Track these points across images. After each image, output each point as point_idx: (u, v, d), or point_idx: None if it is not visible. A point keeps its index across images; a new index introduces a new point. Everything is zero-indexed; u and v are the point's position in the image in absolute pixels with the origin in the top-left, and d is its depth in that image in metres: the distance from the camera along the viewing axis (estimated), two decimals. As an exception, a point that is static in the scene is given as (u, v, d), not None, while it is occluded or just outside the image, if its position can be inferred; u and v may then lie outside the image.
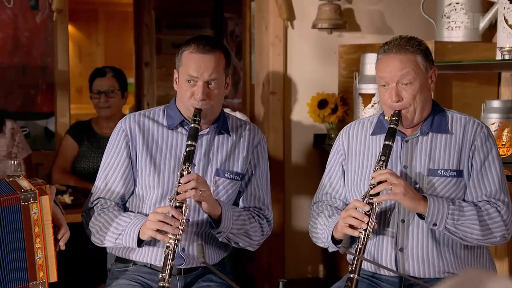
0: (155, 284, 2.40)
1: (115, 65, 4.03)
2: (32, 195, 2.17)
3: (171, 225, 2.23)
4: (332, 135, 4.18)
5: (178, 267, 2.45)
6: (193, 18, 6.71)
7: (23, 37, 4.09)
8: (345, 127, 2.58)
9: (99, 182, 2.51)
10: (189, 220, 2.44)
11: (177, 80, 2.50)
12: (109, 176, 2.49)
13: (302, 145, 4.31)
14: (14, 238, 2.19)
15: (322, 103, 4.16)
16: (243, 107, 5.22)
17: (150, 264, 2.47)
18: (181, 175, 2.28)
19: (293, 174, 4.30)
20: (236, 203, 2.56)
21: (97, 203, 2.48)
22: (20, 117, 4.04)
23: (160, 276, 2.22)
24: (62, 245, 2.27)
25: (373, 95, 3.73)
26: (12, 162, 3.24)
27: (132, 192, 2.51)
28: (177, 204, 2.26)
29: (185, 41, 2.49)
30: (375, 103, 3.73)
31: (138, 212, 2.47)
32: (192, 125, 2.35)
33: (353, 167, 2.49)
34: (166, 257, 2.22)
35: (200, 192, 2.26)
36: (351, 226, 2.25)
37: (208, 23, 6.74)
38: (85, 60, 8.73)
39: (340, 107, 4.13)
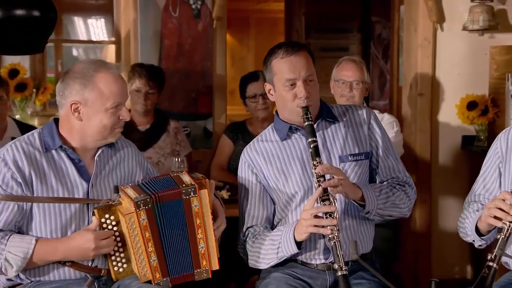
0: (306, 278, 2.45)
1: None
2: (192, 189, 2.27)
3: (326, 217, 2.25)
4: (482, 137, 4.04)
5: (326, 262, 2.46)
6: (341, 22, 6.69)
7: (186, 44, 4.26)
8: (504, 130, 2.46)
9: (243, 213, 2.55)
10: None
11: (271, 92, 2.52)
12: (251, 205, 2.53)
13: (449, 146, 4.20)
14: (178, 229, 2.30)
15: (471, 105, 4.03)
16: (390, 108, 5.12)
17: (301, 261, 2.49)
18: (316, 172, 2.30)
19: (440, 175, 4.20)
20: (372, 182, 2.55)
21: (248, 234, 2.53)
22: (182, 118, 4.22)
23: (336, 266, 2.24)
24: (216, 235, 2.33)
25: (527, 96, 3.54)
26: (176, 159, 3.41)
27: (275, 211, 2.55)
28: (324, 198, 2.27)
29: (267, 54, 2.52)
30: (529, 105, 3.54)
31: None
32: (306, 123, 2.37)
33: (511, 170, 2.37)
34: (334, 248, 2.24)
35: (341, 180, 2.28)
36: (496, 217, 2.17)
37: (356, 26, 6.69)
38: (237, 65, 8.96)
39: (491, 108, 3.97)
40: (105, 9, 6.52)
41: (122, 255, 2.32)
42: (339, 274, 2.23)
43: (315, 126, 2.46)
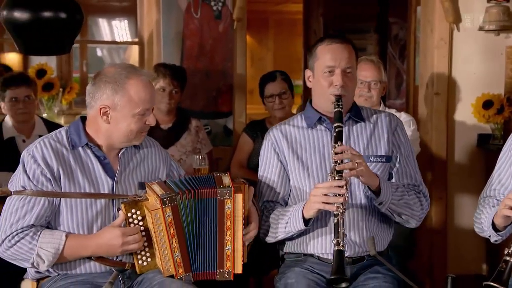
0: (323, 273, 2.45)
1: (283, 69, 4.11)
2: (228, 191, 2.28)
3: (335, 195, 2.27)
4: (497, 135, 4.01)
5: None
6: (358, 23, 6.68)
7: (207, 44, 4.29)
8: None
9: (260, 189, 2.59)
10: (347, 207, 2.44)
11: (310, 78, 2.54)
12: (268, 181, 2.57)
13: (465, 145, 4.17)
14: (208, 227, 2.32)
15: (487, 104, 4.00)
16: (406, 107, 5.11)
17: (318, 256, 2.51)
18: (335, 153, 2.31)
19: (456, 173, 4.17)
20: None
21: (263, 208, 2.56)
22: (203, 116, 4.24)
23: (334, 241, 2.25)
24: (245, 240, 2.35)
25: (542, 95, 3.50)
26: (197, 156, 3.42)
27: (290, 193, 2.57)
28: (337, 178, 2.28)
29: (315, 42, 2.55)
30: (544, 104, 3.50)
31: None
32: (336, 109, 2.40)
33: (526, 164, 2.36)
34: (337, 224, 2.26)
35: (356, 163, 2.28)
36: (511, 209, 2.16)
37: (373, 27, 6.67)
38: (256, 65, 8.98)
39: (506, 107, 3.95)
40: (129, 11, 6.58)
41: (146, 249, 2.34)
42: (336, 249, 2.23)
43: None
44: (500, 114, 3.96)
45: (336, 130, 2.36)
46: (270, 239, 2.53)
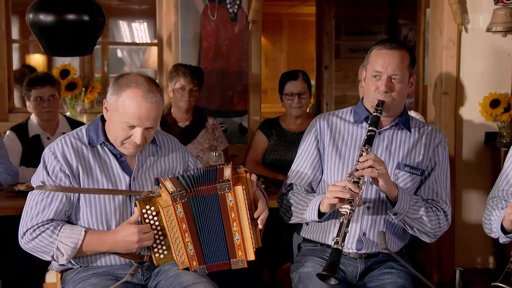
0: (340, 265, 2.43)
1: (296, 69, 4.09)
2: (227, 185, 2.27)
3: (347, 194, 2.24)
4: (504, 133, 3.99)
5: (359, 251, 2.46)
6: (369, 25, 6.66)
7: (223, 45, 4.29)
8: None
9: (292, 169, 2.60)
10: (369, 207, 2.45)
11: (365, 78, 2.51)
12: (300, 164, 2.57)
13: (472, 143, 4.15)
14: (214, 222, 2.32)
15: (494, 103, 3.98)
16: (415, 106, 5.09)
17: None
18: (360, 155, 2.29)
19: (463, 170, 4.15)
20: None
21: (290, 188, 2.57)
22: (219, 115, 4.25)
23: (334, 239, 2.22)
24: (259, 224, 2.34)
25: (548, 95, 3.47)
26: (214, 153, 3.42)
27: (320, 181, 2.56)
28: (355, 180, 2.27)
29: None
30: (550, 103, 3.47)
31: None
32: (374, 113, 2.37)
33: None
34: (341, 224, 2.24)
35: (376, 170, 2.25)
36: None
37: (383, 29, 6.65)
38: (270, 65, 8.97)
39: (513, 106, 3.92)
40: (148, 14, 6.61)
41: (162, 242, 2.35)
42: (334, 247, 2.19)
43: (387, 127, 2.47)
44: (507, 112, 3.94)
45: (368, 134, 2.34)
46: (286, 219, 2.55)
